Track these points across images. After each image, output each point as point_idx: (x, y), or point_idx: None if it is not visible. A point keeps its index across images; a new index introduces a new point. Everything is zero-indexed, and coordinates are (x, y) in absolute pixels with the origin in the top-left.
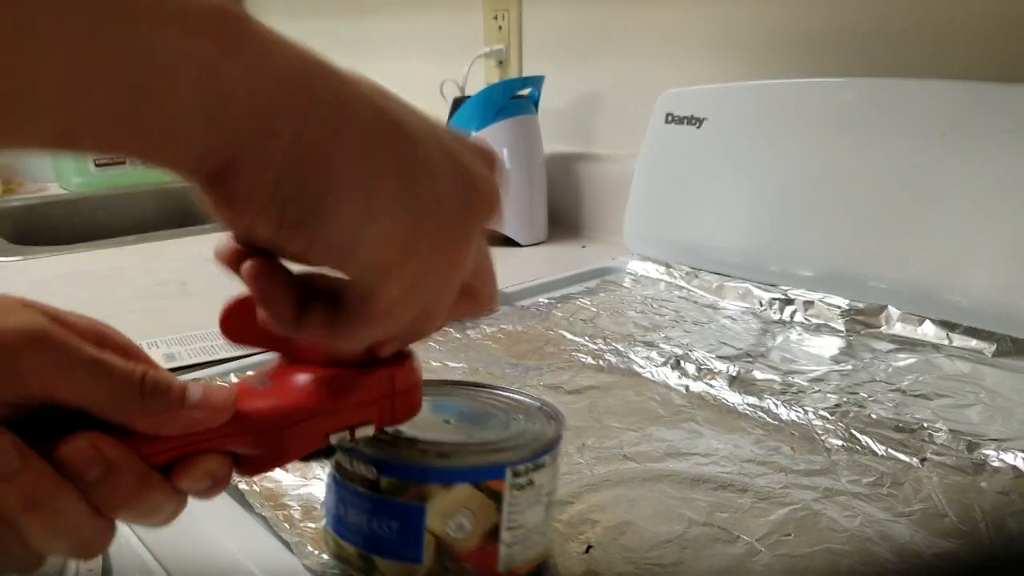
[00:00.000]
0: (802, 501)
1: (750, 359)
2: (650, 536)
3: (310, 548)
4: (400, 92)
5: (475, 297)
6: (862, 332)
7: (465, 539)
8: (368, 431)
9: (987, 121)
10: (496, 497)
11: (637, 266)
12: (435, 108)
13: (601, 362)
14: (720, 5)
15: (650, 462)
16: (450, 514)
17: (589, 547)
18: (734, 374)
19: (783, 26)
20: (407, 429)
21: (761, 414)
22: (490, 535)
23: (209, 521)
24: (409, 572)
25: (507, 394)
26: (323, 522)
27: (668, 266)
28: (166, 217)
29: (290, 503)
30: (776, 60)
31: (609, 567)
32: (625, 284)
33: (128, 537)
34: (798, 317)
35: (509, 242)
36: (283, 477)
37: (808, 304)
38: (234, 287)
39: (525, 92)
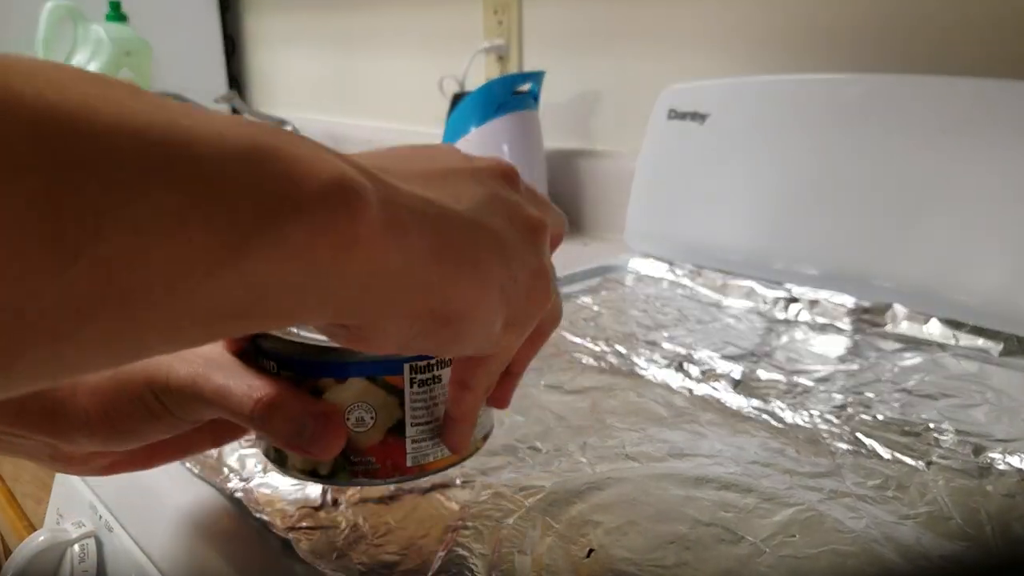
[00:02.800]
0: (807, 502)
1: (755, 358)
2: (653, 536)
3: (306, 550)
4: (399, 88)
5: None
6: (868, 331)
7: (367, 433)
8: None
9: (995, 118)
10: (396, 393)
11: (639, 264)
12: (434, 104)
13: (603, 364)
14: (723, 0)
15: (653, 462)
16: (348, 408)
17: (591, 551)
18: (738, 376)
19: (787, 21)
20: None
21: (766, 417)
22: (394, 430)
23: (205, 523)
24: (315, 463)
25: None
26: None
27: (671, 264)
28: None
29: (286, 507)
30: (780, 55)
31: (611, 567)
32: (627, 282)
33: (123, 539)
34: (803, 316)
35: None
36: (279, 482)
37: (813, 303)
38: None
39: (525, 88)
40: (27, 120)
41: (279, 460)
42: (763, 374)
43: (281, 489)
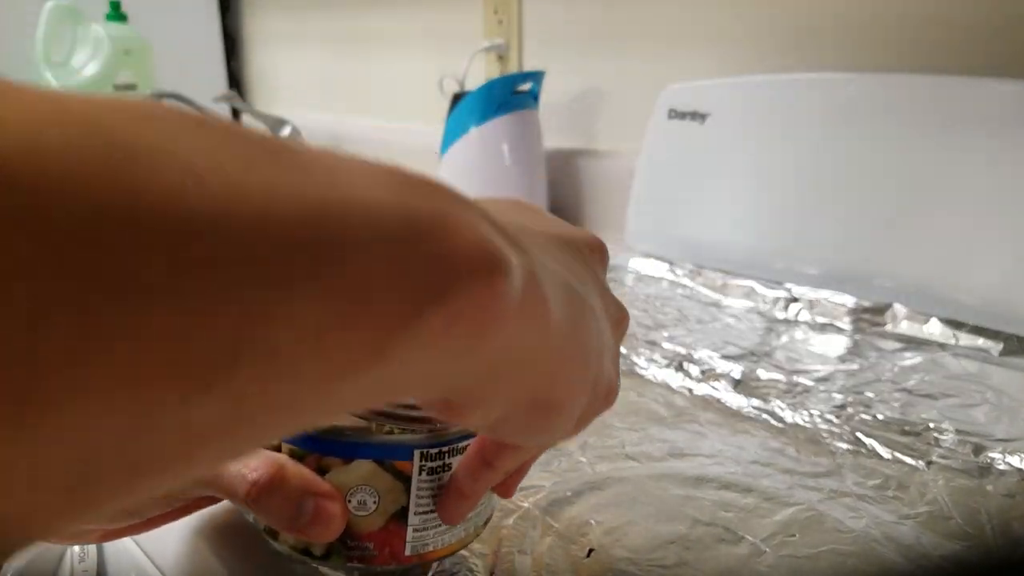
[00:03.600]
0: (807, 502)
1: (755, 358)
2: (653, 536)
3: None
4: (399, 87)
5: None
6: (868, 331)
7: (368, 518)
8: None
9: (995, 117)
10: (403, 479)
11: (639, 264)
12: (434, 103)
13: None
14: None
15: (652, 461)
16: (351, 490)
17: (591, 551)
18: (738, 376)
19: (788, 20)
20: None
21: (766, 416)
22: (397, 517)
23: (205, 523)
24: (307, 544)
25: None
26: None
27: (671, 264)
28: None
29: None
30: (781, 55)
31: (611, 567)
32: (627, 282)
33: (124, 540)
34: (803, 316)
35: None
36: None
37: (813, 303)
38: None
39: (526, 87)
40: (165, 228)
41: (271, 533)
42: (763, 374)
43: None
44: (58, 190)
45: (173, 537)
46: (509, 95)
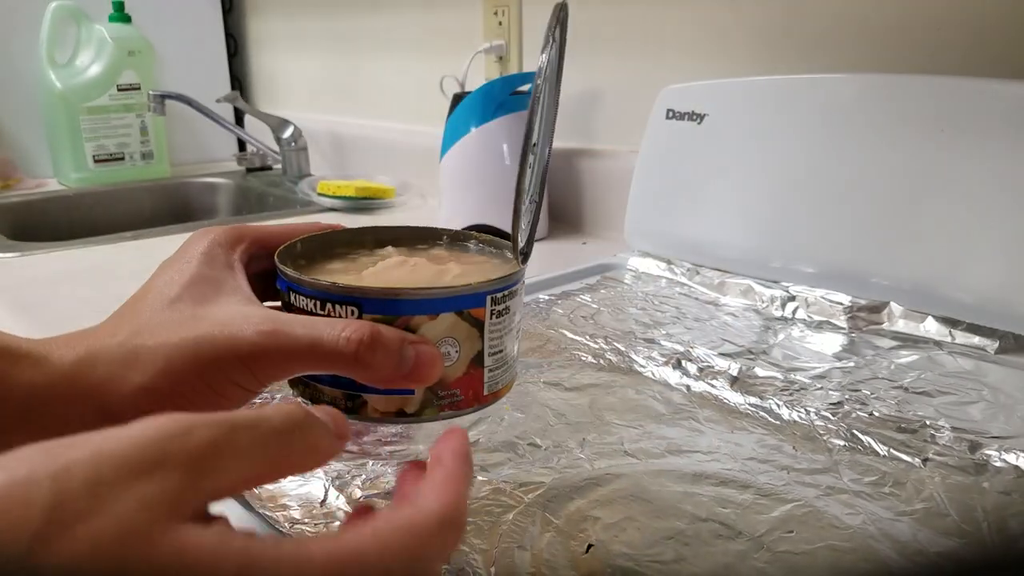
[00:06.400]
0: (804, 498)
1: (752, 356)
2: (651, 532)
3: None
4: (400, 88)
5: None
6: (864, 329)
7: (453, 366)
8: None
9: (989, 117)
10: (478, 324)
11: (638, 262)
12: (435, 104)
13: (602, 361)
14: (721, 2)
15: (651, 458)
16: (437, 343)
17: (590, 546)
18: (735, 373)
19: (785, 21)
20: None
21: (763, 413)
22: (475, 361)
23: None
24: (402, 403)
25: (480, 236)
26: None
27: (669, 262)
28: (164, 213)
29: (290, 503)
30: (778, 55)
31: (610, 563)
32: (626, 281)
33: None
34: (800, 314)
35: (509, 238)
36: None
37: (810, 301)
38: None
39: (525, 88)
40: None
41: (353, 409)
42: (760, 371)
43: (284, 485)
44: None
45: None
46: (509, 96)
